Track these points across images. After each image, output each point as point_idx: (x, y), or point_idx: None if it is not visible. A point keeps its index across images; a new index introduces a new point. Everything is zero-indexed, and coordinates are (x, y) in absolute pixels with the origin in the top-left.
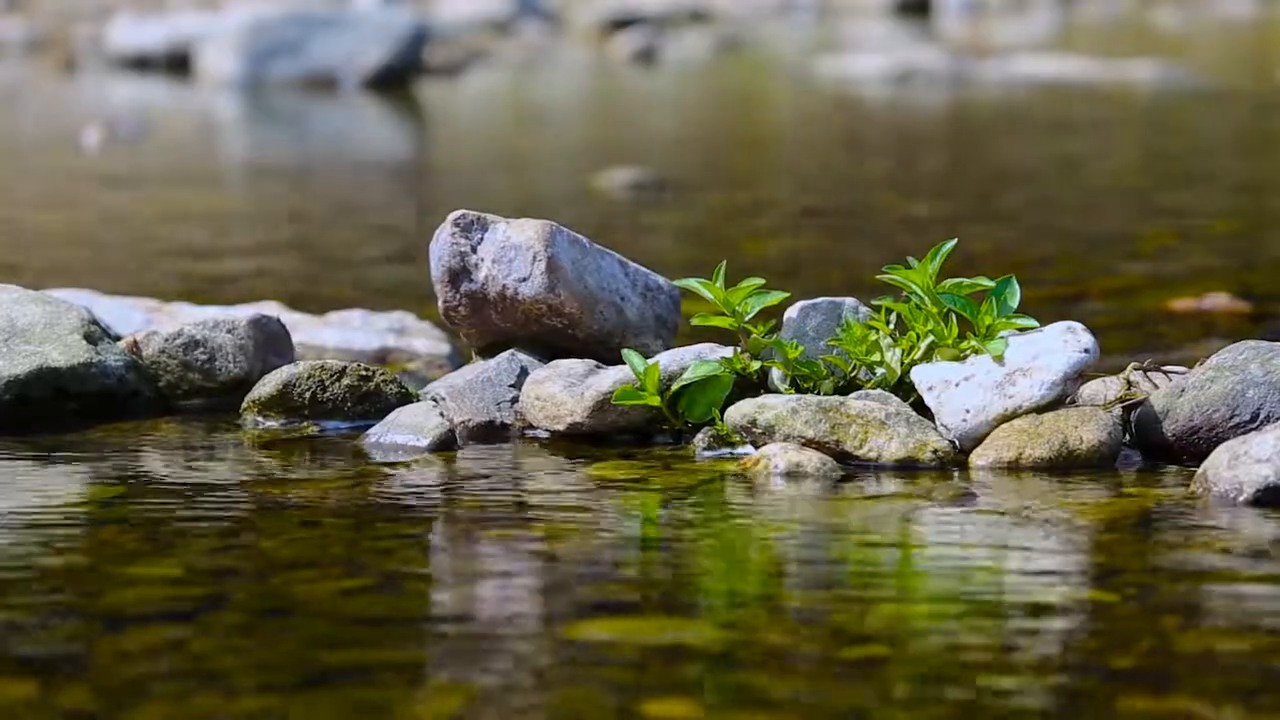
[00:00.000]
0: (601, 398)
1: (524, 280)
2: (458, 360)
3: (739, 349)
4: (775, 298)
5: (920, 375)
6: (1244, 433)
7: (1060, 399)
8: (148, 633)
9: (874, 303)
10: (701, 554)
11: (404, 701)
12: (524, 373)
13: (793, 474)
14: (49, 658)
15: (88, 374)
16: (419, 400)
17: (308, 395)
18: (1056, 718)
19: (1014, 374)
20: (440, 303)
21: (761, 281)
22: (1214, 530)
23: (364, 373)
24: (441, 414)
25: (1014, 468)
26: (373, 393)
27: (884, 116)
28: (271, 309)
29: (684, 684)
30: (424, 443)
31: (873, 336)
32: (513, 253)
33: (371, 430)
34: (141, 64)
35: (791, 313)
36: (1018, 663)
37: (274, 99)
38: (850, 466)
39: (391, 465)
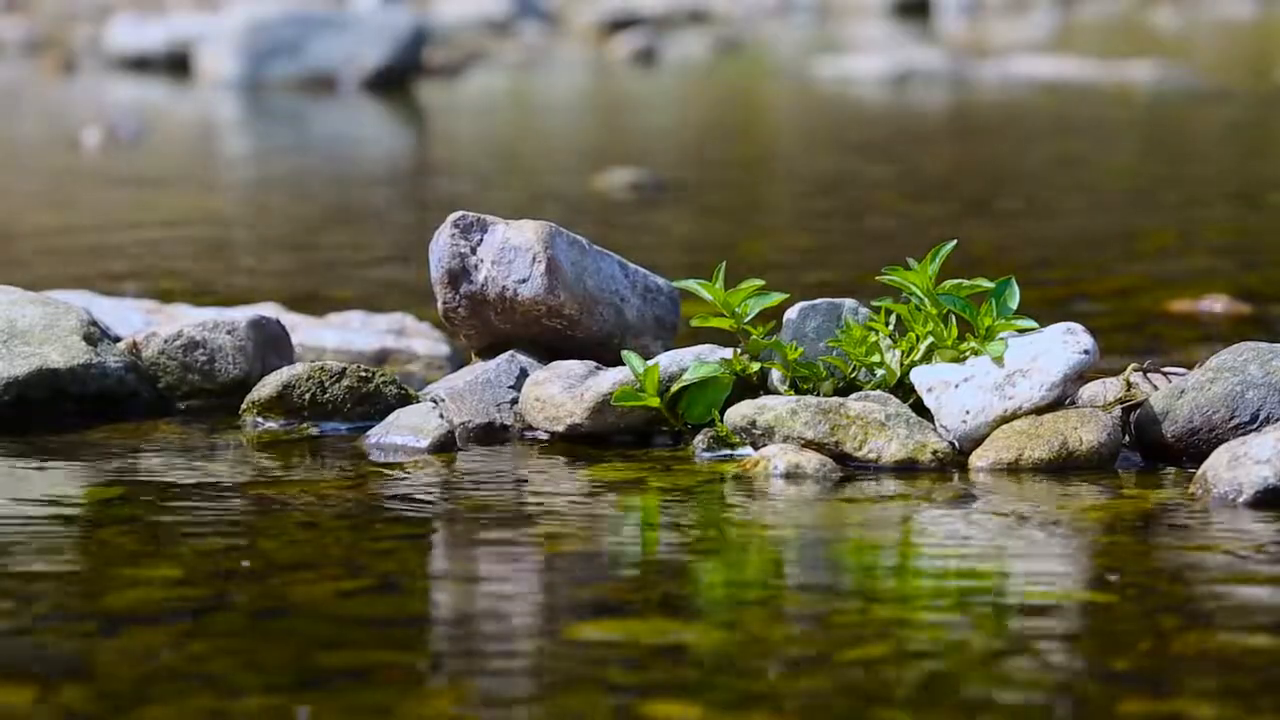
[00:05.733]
0: (601, 399)
1: (523, 281)
2: (457, 361)
3: (738, 350)
4: (775, 299)
5: (920, 376)
6: (1243, 434)
7: (1060, 400)
8: (148, 634)
9: (873, 304)
10: (701, 555)
11: (403, 703)
12: (523, 374)
13: (792, 475)
14: (49, 659)
15: (87, 375)
16: (418, 401)
17: (307, 396)
18: (1056, 719)
19: (1013, 375)
20: (440, 304)
21: (761, 283)
22: (1213, 531)
23: (363, 374)
24: (441, 415)
25: (1013, 469)
26: (372, 394)
27: (883, 117)
28: (271, 310)
29: (683, 685)
30: (423, 444)
31: (872, 338)
32: (512, 254)
33: (371, 431)
34: (140, 64)
35: (791, 314)
36: (1017, 664)
37: (273, 99)
38: (850, 468)
39: (391, 466)
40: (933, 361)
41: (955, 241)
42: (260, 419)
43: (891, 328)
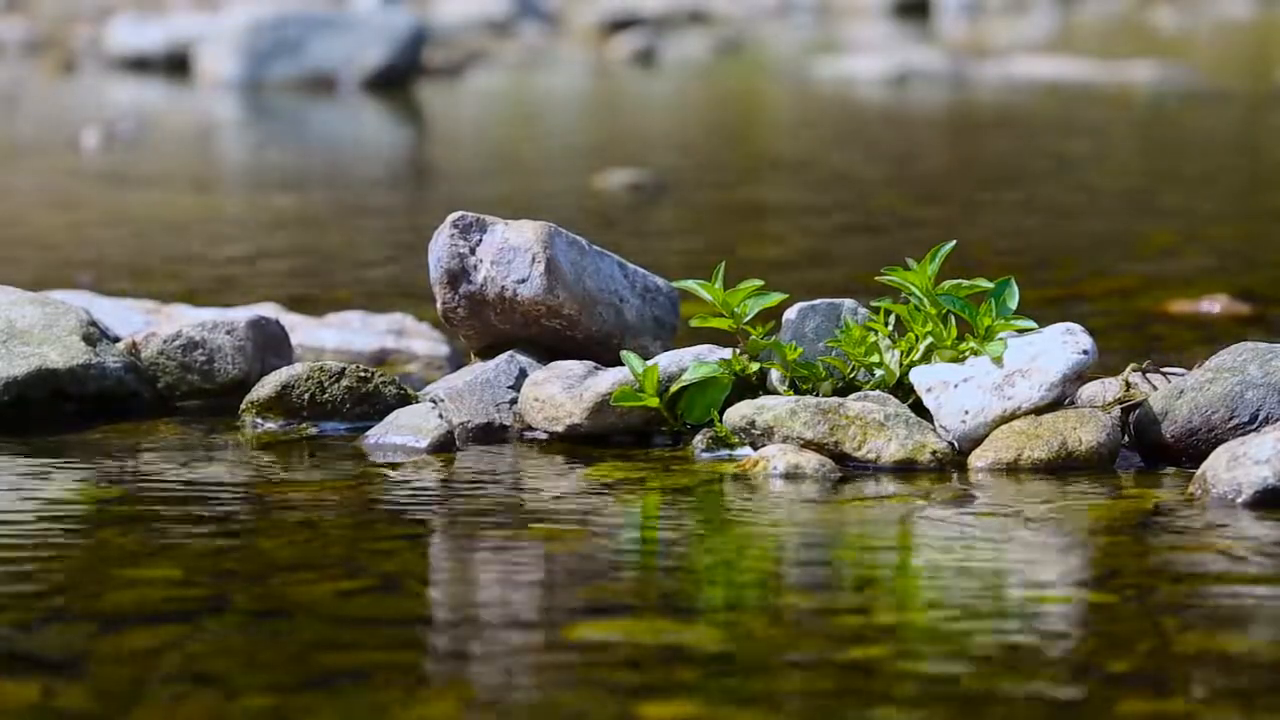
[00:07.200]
0: (600, 399)
1: (523, 282)
2: (457, 361)
3: (738, 350)
4: (774, 299)
5: (919, 377)
6: (1243, 434)
7: (1059, 400)
8: (147, 634)
9: (873, 304)
10: (700, 555)
11: (403, 703)
12: (523, 374)
13: (791, 475)
14: (49, 659)
15: (86, 375)
16: (418, 401)
17: (306, 396)
18: (1056, 719)
19: (1013, 375)
20: (439, 304)
21: (760, 283)
22: (1213, 532)
23: (363, 374)
24: (440, 415)
25: (1013, 469)
26: (371, 394)
27: (883, 118)
28: (270, 310)
29: (682, 685)
30: (423, 444)
31: (871, 338)
32: (511, 254)
33: (370, 431)
34: (140, 65)
35: (790, 314)
36: (1017, 665)
37: (273, 100)
38: (849, 468)
39: (390, 466)
40: (932, 362)
41: (955, 242)
42: (259, 419)
43: (891, 328)
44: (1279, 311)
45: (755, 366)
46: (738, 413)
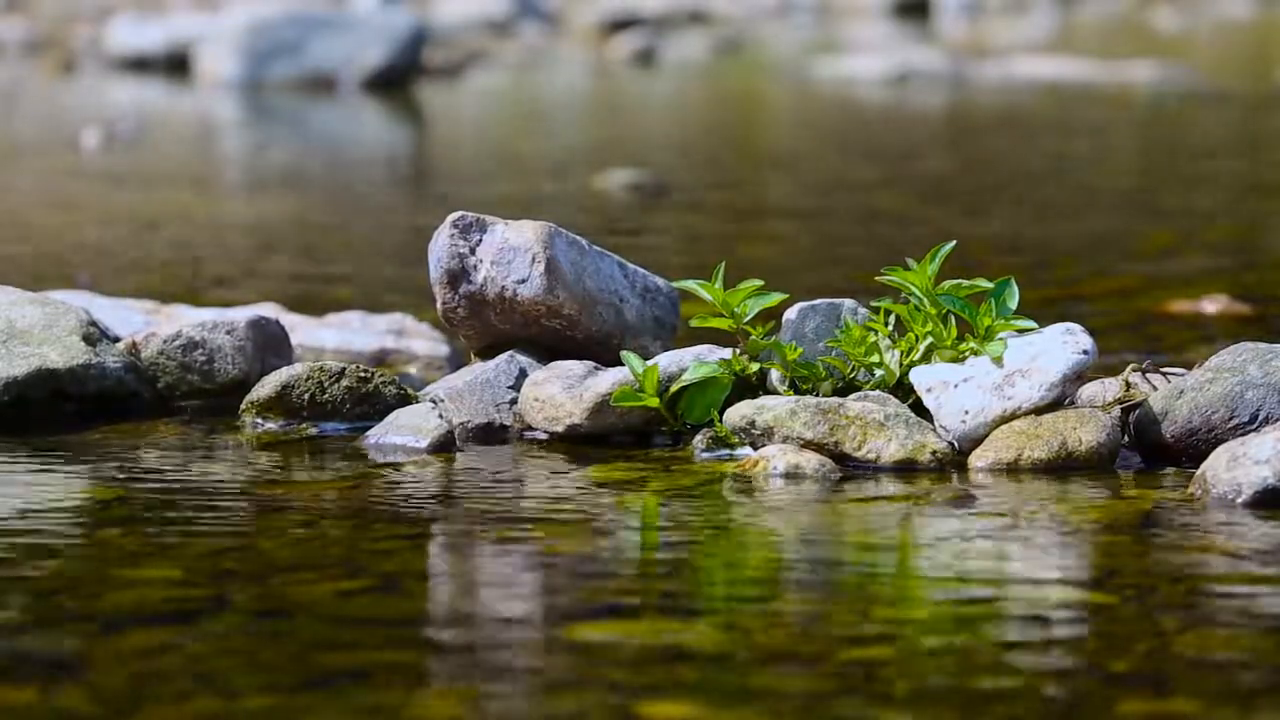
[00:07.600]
0: (600, 399)
1: (523, 282)
2: (457, 361)
3: (738, 350)
4: (774, 299)
5: (919, 377)
6: (1243, 434)
7: (1059, 400)
8: (147, 634)
9: (873, 304)
10: (700, 555)
11: (403, 704)
12: (523, 374)
13: (791, 475)
14: (48, 660)
15: (86, 375)
16: (418, 401)
17: (306, 397)
18: (1056, 719)
19: (1013, 375)
20: (439, 304)
21: (760, 283)
22: (1213, 532)
23: (363, 374)
24: (440, 415)
25: (1013, 469)
26: (371, 394)
27: (883, 118)
28: (270, 310)
29: (683, 685)
30: (423, 444)
31: (871, 338)
32: (511, 254)
33: (370, 431)
34: (140, 65)
35: (790, 314)
36: (1016, 665)
37: (273, 100)
38: (849, 468)
39: (390, 466)
40: (932, 362)
41: (955, 242)
42: (259, 419)
43: (891, 328)
44: (1279, 311)
45: (755, 366)
46: (738, 413)
